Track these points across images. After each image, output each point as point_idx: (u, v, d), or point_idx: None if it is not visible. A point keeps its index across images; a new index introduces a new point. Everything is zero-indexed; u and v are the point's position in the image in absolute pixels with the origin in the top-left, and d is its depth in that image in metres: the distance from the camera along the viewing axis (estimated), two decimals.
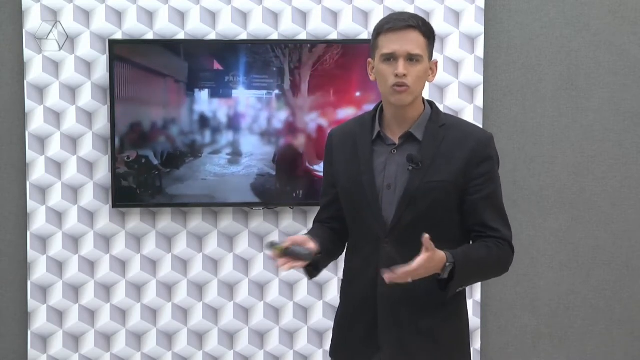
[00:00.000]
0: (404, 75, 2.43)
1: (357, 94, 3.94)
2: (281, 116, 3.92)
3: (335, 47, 3.91)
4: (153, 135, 3.91)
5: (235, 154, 3.93)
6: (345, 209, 2.61)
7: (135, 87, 3.88)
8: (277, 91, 3.91)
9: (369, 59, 2.55)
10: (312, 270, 2.57)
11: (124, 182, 3.90)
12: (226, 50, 3.90)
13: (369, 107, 3.87)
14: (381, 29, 2.48)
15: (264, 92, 3.91)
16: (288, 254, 2.41)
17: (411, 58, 2.45)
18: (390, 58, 2.45)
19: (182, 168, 3.92)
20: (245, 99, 3.91)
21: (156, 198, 3.93)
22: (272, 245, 2.39)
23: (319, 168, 3.93)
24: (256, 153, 3.93)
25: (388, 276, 2.33)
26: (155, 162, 3.91)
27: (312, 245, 2.46)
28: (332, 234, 2.66)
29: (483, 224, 2.51)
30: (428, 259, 2.33)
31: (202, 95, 3.90)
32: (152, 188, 3.91)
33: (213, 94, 3.90)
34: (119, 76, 3.86)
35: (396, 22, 2.45)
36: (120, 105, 3.87)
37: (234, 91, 3.90)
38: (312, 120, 3.94)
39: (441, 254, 2.39)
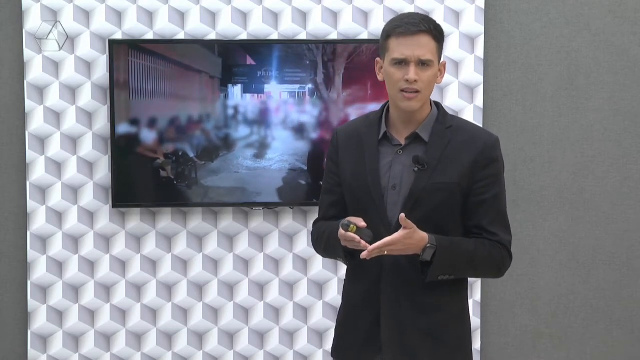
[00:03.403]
0: (415, 80, 2.43)
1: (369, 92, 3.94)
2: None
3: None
4: (149, 134, 3.91)
5: (262, 149, 3.94)
6: (349, 209, 2.60)
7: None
8: (309, 86, 3.92)
9: (377, 59, 2.54)
10: (350, 257, 2.58)
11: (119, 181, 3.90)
12: (227, 50, 3.91)
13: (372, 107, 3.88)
14: (392, 32, 2.47)
15: (298, 86, 3.92)
16: (359, 233, 2.43)
17: (422, 63, 2.45)
18: (401, 63, 2.45)
19: (215, 161, 3.93)
20: (277, 96, 3.92)
21: (154, 198, 3.93)
22: (349, 223, 2.41)
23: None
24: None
25: (366, 252, 2.37)
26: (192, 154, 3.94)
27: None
28: None
29: (481, 227, 2.51)
30: (406, 235, 2.38)
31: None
32: (148, 187, 3.92)
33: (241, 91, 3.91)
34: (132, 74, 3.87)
35: (408, 27, 2.44)
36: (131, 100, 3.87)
37: (266, 85, 3.91)
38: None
39: (422, 234, 2.41)
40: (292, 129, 3.94)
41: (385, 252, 2.39)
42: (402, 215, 2.36)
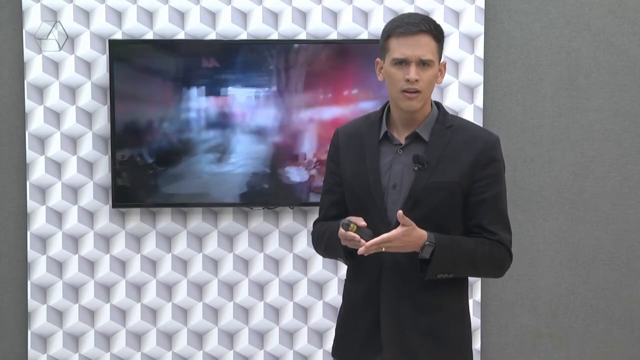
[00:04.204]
0: (416, 80, 2.43)
1: (353, 91, 3.94)
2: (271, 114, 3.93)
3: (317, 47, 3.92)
4: (149, 134, 3.91)
5: (224, 153, 3.93)
6: (350, 208, 2.60)
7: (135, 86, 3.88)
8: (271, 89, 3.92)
9: (378, 59, 2.54)
10: (350, 256, 2.58)
11: (119, 181, 3.90)
12: (224, 50, 3.91)
13: (366, 106, 3.88)
14: (392, 32, 2.47)
15: (259, 89, 3.92)
16: (360, 233, 2.43)
17: (422, 63, 2.45)
18: (402, 63, 2.45)
19: (177, 166, 3.92)
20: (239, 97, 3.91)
21: (154, 197, 3.93)
22: (349, 223, 2.41)
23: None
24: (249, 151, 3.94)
25: (363, 248, 2.37)
26: (150, 160, 3.91)
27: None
28: None
29: (481, 227, 2.51)
30: (404, 232, 2.38)
31: (195, 93, 3.90)
32: (147, 187, 3.91)
33: (208, 92, 3.91)
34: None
35: (408, 27, 2.44)
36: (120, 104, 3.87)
37: (228, 88, 3.90)
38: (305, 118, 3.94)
39: (421, 232, 2.42)
40: (254, 132, 3.92)
41: (383, 249, 2.39)
42: (400, 212, 2.36)
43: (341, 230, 2.42)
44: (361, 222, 2.43)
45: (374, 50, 3.89)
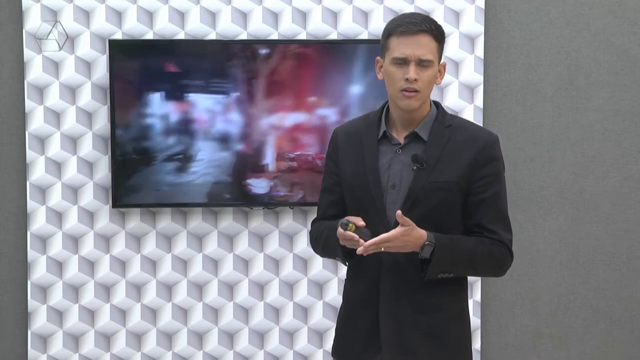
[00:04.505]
0: (415, 80, 2.43)
1: (313, 98, 3.91)
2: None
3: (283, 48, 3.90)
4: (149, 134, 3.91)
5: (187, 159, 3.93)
6: (349, 208, 2.60)
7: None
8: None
9: (378, 58, 2.54)
10: (349, 256, 2.58)
11: (119, 181, 3.90)
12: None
13: (325, 112, 3.88)
14: (393, 31, 2.47)
15: (221, 96, 3.91)
16: (358, 232, 2.43)
17: (422, 63, 2.45)
18: (401, 62, 2.45)
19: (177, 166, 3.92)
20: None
21: (160, 197, 3.92)
22: (347, 222, 2.41)
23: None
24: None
25: (362, 248, 2.37)
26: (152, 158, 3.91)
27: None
28: None
29: (481, 226, 2.51)
30: (404, 232, 2.38)
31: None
32: (148, 187, 3.92)
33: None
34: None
35: (409, 26, 2.44)
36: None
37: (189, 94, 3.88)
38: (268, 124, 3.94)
39: (421, 232, 2.41)
40: (216, 140, 3.91)
41: (382, 249, 2.39)
42: (399, 212, 2.36)
43: (340, 229, 2.42)
44: (360, 222, 2.43)
45: (373, 49, 3.89)
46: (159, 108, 3.88)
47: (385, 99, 2.63)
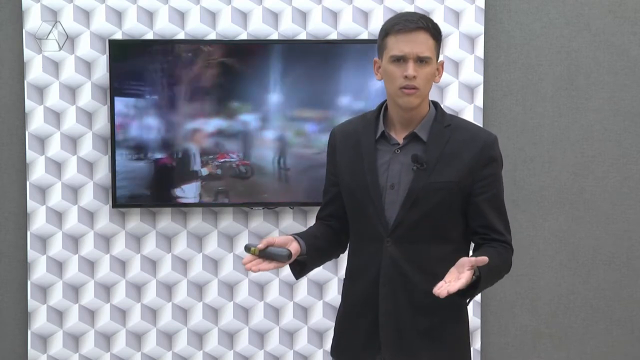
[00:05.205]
0: (414, 77, 2.44)
1: (236, 104, 3.90)
2: None
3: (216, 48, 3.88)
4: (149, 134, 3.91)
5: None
6: (347, 208, 2.61)
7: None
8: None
9: (375, 59, 2.55)
10: (300, 269, 2.57)
11: (119, 181, 3.90)
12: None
13: (245, 117, 3.88)
14: (390, 30, 2.47)
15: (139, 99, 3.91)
16: (264, 255, 2.41)
17: (420, 60, 2.45)
18: (400, 59, 2.45)
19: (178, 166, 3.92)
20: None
21: (160, 197, 3.92)
22: (248, 247, 2.39)
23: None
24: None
25: (437, 291, 2.29)
26: (151, 160, 3.91)
27: (293, 246, 2.46)
28: (330, 232, 2.67)
29: (488, 226, 2.52)
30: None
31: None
32: (148, 187, 3.91)
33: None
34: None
35: (406, 24, 2.45)
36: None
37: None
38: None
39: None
40: (131, 148, 3.89)
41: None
42: (485, 258, 2.29)
43: (246, 257, 2.42)
44: (264, 243, 2.40)
45: (373, 49, 3.89)
46: (159, 108, 3.88)
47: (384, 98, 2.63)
